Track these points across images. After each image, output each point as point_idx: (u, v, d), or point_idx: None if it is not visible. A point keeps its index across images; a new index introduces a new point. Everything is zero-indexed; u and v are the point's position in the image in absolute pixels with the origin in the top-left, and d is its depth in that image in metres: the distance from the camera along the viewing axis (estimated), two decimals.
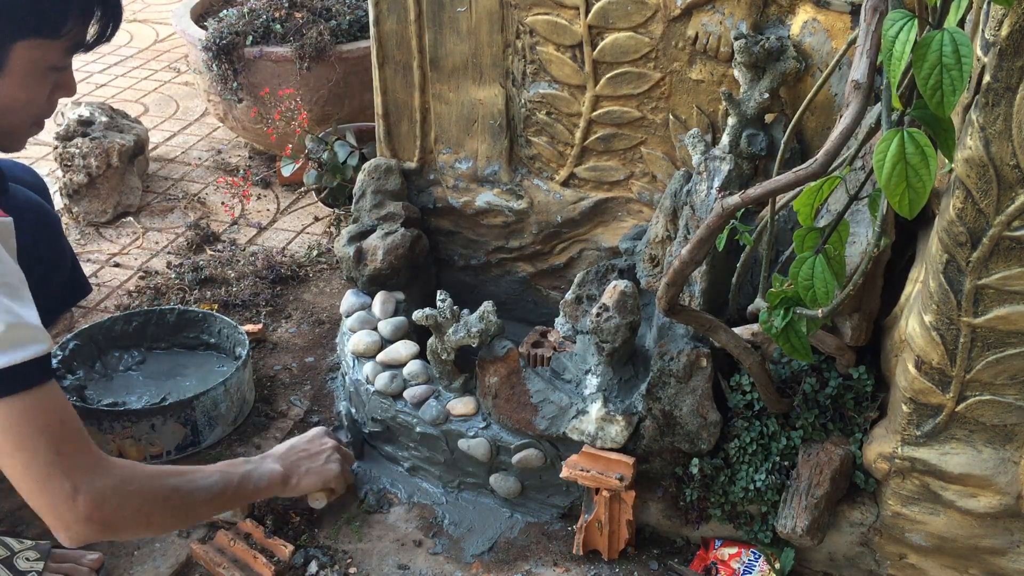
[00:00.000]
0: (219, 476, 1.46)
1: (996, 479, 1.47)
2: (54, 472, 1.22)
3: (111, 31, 1.38)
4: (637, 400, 1.73)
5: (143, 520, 1.35)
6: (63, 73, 1.36)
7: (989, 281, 1.31)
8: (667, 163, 2.01)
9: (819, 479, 1.62)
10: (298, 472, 1.62)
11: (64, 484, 1.23)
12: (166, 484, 1.36)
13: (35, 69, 1.29)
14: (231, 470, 1.50)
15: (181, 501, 1.39)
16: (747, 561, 1.74)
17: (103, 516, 1.26)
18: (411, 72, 2.10)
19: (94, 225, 2.89)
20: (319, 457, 1.66)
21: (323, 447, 1.69)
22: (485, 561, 1.82)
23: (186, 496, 1.39)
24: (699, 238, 1.40)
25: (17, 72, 1.28)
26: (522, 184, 2.17)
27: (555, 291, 2.28)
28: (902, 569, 1.70)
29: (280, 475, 1.58)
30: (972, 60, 1.06)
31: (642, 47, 1.90)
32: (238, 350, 2.19)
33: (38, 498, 1.25)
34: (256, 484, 1.53)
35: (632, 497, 1.75)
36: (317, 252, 2.75)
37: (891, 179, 1.12)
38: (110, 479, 1.27)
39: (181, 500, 1.39)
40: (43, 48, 1.28)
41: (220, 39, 2.87)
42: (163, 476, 1.38)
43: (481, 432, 1.85)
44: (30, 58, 1.27)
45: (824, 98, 1.76)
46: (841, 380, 1.66)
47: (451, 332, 1.81)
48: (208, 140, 3.47)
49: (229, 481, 1.47)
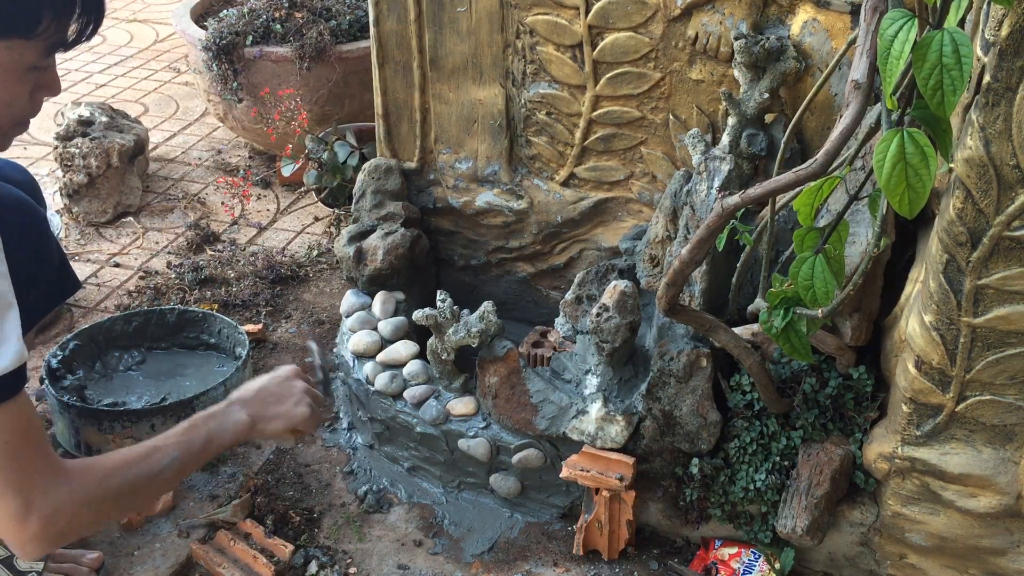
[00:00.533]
0: (180, 449, 1.41)
1: (996, 479, 1.47)
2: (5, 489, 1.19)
3: (92, 30, 1.35)
4: (637, 400, 1.73)
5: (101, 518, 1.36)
6: (45, 72, 1.33)
7: (989, 281, 1.31)
8: (667, 163, 2.01)
9: (819, 479, 1.62)
10: (264, 417, 1.55)
11: (16, 501, 1.20)
12: (125, 479, 1.32)
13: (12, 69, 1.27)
14: (191, 437, 1.43)
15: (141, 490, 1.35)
16: (747, 561, 1.74)
17: (57, 529, 1.23)
18: (411, 72, 2.10)
19: (94, 225, 2.89)
20: (288, 400, 1.58)
21: (292, 389, 1.60)
22: (485, 561, 1.82)
23: (147, 483, 1.35)
24: (699, 238, 1.40)
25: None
26: (522, 184, 2.17)
27: (555, 291, 2.28)
28: (902, 569, 1.70)
29: (245, 424, 1.51)
30: (972, 60, 1.06)
31: (642, 47, 1.90)
32: (238, 350, 2.19)
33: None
34: (220, 442, 1.47)
35: (632, 497, 1.75)
36: (317, 252, 2.75)
37: (891, 179, 1.12)
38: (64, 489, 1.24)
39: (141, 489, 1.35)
40: (19, 48, 1.25)
41: (220, 39, 2.87)
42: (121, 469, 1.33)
43: (481, 432, 1.85)
44: (5, 58, 1.25)
45: (824, 98, 1.75)
46: (841, 380, 1.66)
47: (451, 332, 1.81)
48: (208, 140, 3.47)
49: (190, 450, 1.42)
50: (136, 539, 1.83)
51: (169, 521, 1.88)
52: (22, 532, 1.21)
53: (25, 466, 1.21)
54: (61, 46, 1.31)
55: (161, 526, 1.86)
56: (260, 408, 1.54)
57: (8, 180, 1.75)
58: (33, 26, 1.24)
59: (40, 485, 1.22)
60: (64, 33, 1.29)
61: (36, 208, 1.78)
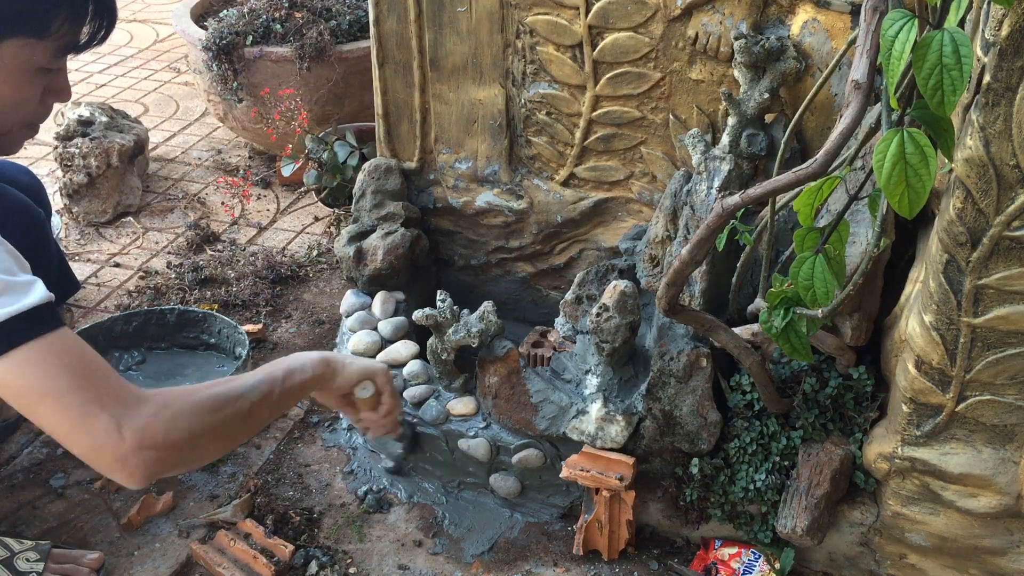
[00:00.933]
0: (263, 376, 1.35)
1: (996, 479, 1.47)
2: (89, 409, 1.15)
3: (104, 33, 1.35)
4: (637, 400, 1.73)
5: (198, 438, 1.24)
6: (55, 76, 1.33)
7: (989, 281, 1.31)
8: (667, 163, 2.01)
9: (819, 479, 1.62)
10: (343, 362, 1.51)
11: (103, 418, 1.15)
12: (208, 395, 1.26)
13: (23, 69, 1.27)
14: (272, 370, 1.38)
15: (231, 409, 1.28)
16: (747, 561, 1.74)
17: (155, 443, 1.16)
18: (411, 72, 2.10)
19: (94, 225, 2.89)
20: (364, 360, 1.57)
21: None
22: (485, 561, 1.82)
23: (233, 401, 1.28)
24: (699, 238, 1.40)
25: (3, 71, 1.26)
26: (522, 184, 2.17)
27: (555, 291, 2.28)
28: (902, 569, 1.70)
29: (321, 360, 1.45)
30: (972, 60, 1.06)
31: (642, 47, 1.90)
32: (238, 350, 2.19)
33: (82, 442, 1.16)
34: (301, 376, 1.41)
35: (632, 497, 1.75)
36: (317, 252, 2.75)
37: (891, 179, 1.12)
38: (148, 406, 1.19)
39: (230, 407, 1.28)
40: (31, 48, 1.25)
41: (220, 39, 2.87)
42: (201, 390, 1.28)
43: (481, 432, 1.85)
44: (17, 58, 1.25)
45: (824, 98, 1.76)
46: (841, 380, 1.66)
47: (451, 332, 1.81)
48: (208, 140, 3.47)
49: (274, 377, 1.36)
50: (136, 539, 1.83)
51: (169, 521, 1.88)
52: (121, 445, 1.15)
53: (98, 384, 1.17)
54: (73, 48, 1.31)
55: (161, 526, 1.86)
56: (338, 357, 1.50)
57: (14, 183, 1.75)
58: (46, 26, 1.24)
59: (120, 401, 1.17)
60: (76, 36, 1.29)
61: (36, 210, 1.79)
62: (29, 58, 1.25)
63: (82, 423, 1.15)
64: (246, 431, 1.37)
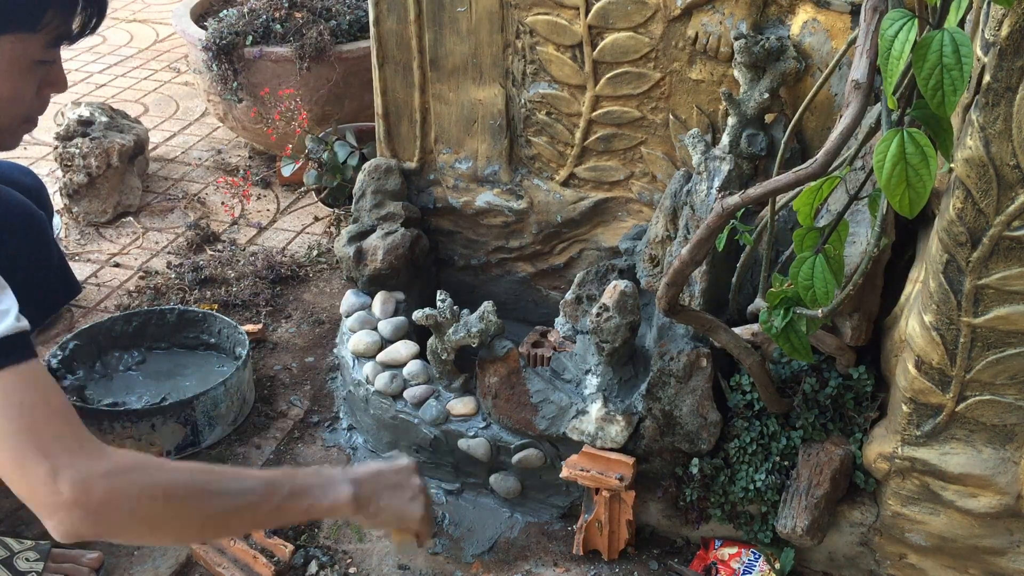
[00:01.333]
0: (262, 484, 1.21)
1: (996, 479, 1.47)
2: (30, 453, 1.08)
3: (95, 22, 1.34)
4: (637, 400, 1.73)
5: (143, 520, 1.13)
6: (50, 68, 1.33)
7: (989, 281, 1.31)
8: (667, 163, 2.01)
9: (819, 479, 1.62)
10: (374, 505, 1.34)
11: (43, 466, 1.08)
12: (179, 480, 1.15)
13: (17, 63, 1.27)
14: (282, 480, 1.25)
15: (198, 505, 1.15)
16: (747, 561, 1.74)
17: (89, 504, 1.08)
18: (411, 72, 2.10)
19: (94, 225, 2.89)
20: (404, 493, 1.39)
21: (410, 483, 1.41)
22: (485, 561, 1.82)
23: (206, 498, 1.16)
24: (699, 238, 1.40)
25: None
26: (522, 184, 2.17)
27: (555, 291, 2.28)
28: (902, 569, 1.70)
29: (348, 500, 1.29)
30: (972, 60, 1.06)
31: (642, 47, 1.90)
32: (238, 350, 2.19)
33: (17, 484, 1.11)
34: (315, 504, 1.26)
35: (632, 497, 1.75)
36: (317, 252, 2.75)
37: (891, 179, 1.12)
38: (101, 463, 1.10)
39: (198, 503, 1.15)
40: (23, 42, 1.25)
41: (220, 39, 2.87)
42: (182, 469, 1.17)
43: (481, 432, 1.85)
44: (11, 53, 1.25)
45: (824, 98, 1.76)
46: (841, 380, 1.66)
47: (451, 332, 1.81)
48: (208, 140, 3.47)
49: (274, 490, 1.22)
50: None
51: None
52: (51, 497, 1.09)
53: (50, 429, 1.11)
54: (65, 39, 1.31)
55: None
56: (371, 492, 1.34)
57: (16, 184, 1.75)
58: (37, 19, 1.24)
59: (67, 451, 1.10)
60: (68, 26, 1.29)
61: (37, 213, 1.78)
62: (23, 52, 1.25)
63: (21, 466, 1.10)
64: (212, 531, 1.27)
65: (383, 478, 1.38)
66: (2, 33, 1.22)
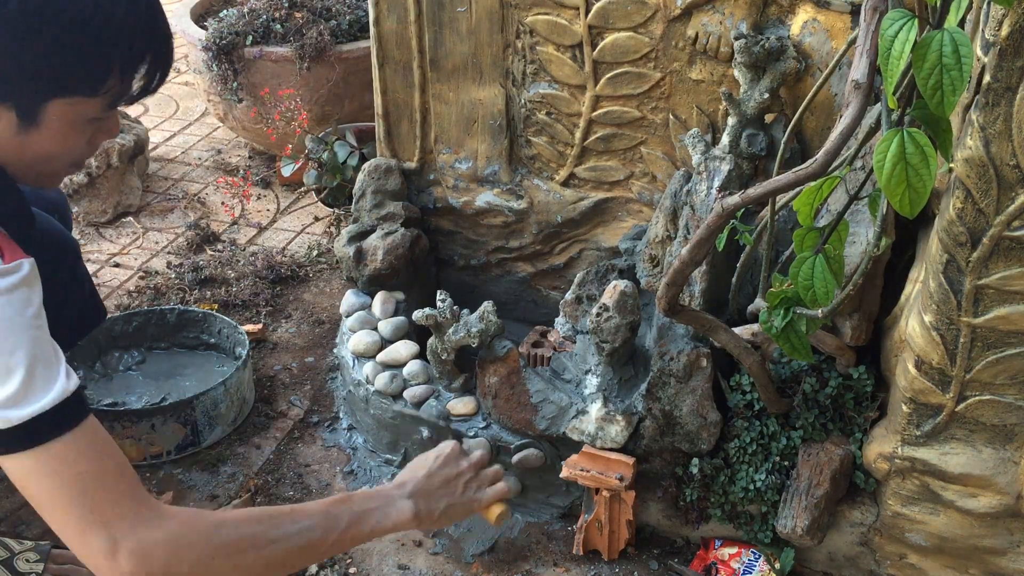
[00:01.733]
0: (319, 519, 1.22)
1: (996, 479, 1.47)
2: (90, 526, 1.09)
3: (158, 82, 1.27)
4: (637, 400, 1.73)
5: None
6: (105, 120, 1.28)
7: (989, 281, 1.31)
8: (667, 163, 2.01)
9: (819, 479, 1.62)
10: (433, 511, 1.35)
11: (103, 536, 1.09)
12: (238, 534, 1.16)
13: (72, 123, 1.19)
14: (339, 510, 1.25)
15: (256, 555, 1.16)
16: (747, 561, 1.74)
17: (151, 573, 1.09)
18: (411, 72, 2.10)
19: (94, 225, 2.89)
20: (458, 484, 1.38)
21: (461, 468, 1.40)
22: (485, 561, 1.82)
23: (262, 546, 1.16)
24: (699, 238, 1.40)
25: (53, 126, 1.18)
26: (522, 184, 2.17)
27: (555, 291, 2.28)
28: (902, 569, 1.70)
29: (410, 517, 1.31)
30: (972, 60, 1.06)
31: (642, 47, 1.90)
32: (238, 350, 2.19)
33: (80, 551, 1.12)
34: (375, 527, 1.28)
35: (632, 497, 1.75)
36: (317, 252, 2.75)
37: (891, 179, 1.12)
38: (160, 532, 1.11)
39: (256, 553, 1.16)
40: (82, 104, 1.19)
41: (220, 39, 2.87)
42: (236, 524, 1.17)
43: (481, 432, 1.85)
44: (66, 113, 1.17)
45: (824, 98, 1.76)
46: (841, 380, 1.66)
47: (451, 332, 1.81)
48: (208, 140, 3.47)
49: (333, 525, 1.23)
50: None
51: None
52: (113, 569, 1.10)
53: (106, 496, 1.11)
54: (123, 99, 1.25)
55: None
56: (428, 499, 1.35)
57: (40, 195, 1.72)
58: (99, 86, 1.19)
59: (127, 519, 1.11)
60: (129, 87, 1.23)
61: (71, 239, 1.77)
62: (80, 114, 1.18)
63: (82, 537, 1.11)
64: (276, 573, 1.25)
65: (434, 479, 1.37)
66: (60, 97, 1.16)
